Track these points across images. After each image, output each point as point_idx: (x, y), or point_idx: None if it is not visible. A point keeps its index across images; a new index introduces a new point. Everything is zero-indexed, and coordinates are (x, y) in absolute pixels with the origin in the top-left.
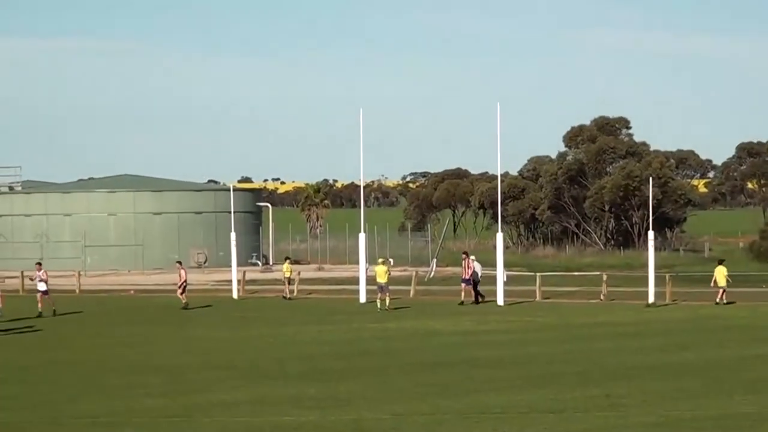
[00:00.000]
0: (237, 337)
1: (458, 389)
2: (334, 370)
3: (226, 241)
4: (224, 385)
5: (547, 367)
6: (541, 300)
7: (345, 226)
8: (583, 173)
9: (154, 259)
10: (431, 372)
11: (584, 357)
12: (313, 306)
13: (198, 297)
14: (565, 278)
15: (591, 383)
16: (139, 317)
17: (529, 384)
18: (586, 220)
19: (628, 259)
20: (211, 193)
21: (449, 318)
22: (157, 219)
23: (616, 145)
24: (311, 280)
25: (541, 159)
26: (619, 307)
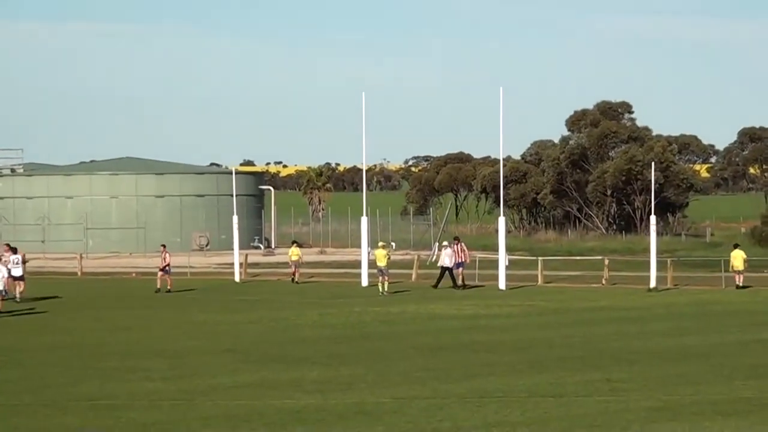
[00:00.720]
0: (239, 321)
1: (459, 373)
2: (336, 354)
3: (228, 224)
4: (226, 368)
5: (549, 352)
6: (543, 284)
7: (347, 209)
8: (585, 157)
9: (156, 242)
10: (432, 356)
11: (585, 341)
12: (315, 289)
13: (200, 280)
14: (567, 262)
15: (592, 368)
16: (139, 300)
17: (530, 368)
18: (588, 204)
19: (630, 244)
20: (213, 176)
21: (451, 302)
22: (159, 202)
23: (618, 130)
24: (313, 264)
25: (543, 143)
26: (621, 291)
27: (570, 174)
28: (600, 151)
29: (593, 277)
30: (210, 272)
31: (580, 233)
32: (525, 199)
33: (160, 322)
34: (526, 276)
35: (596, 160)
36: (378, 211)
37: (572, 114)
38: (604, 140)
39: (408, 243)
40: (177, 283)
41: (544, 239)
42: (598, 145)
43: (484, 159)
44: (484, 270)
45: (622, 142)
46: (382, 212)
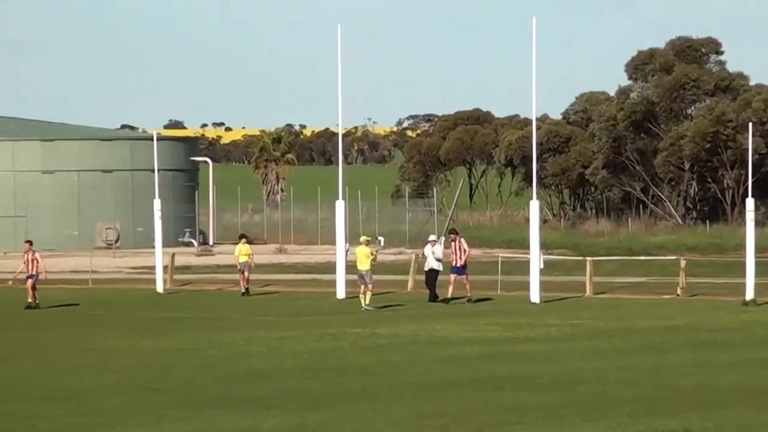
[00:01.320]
0: (163, 347)
1: (475, 421)
2: (302, 394)
3: (147, 211)
4: (146, 415)
5: (602, 390)
6: (593, 295)
7: (316, 190)
8: (653, 116)
9: (44, 237)
10: (437, 397)
11: (654, 375)
12: (272, 303)
13: (107, 291)
14: (627, 265)
15: (663, 412)
16: (24, 318)
17: (576, 413)
18: (657, 182)
19: (717, 238)
20: (125, 143)
21: (462, 320)
22: (47, 180)
23: (700, 77)
24: (269, 267)
25: (594, 96)
26: (704, 305)
27: (631, 140)
28: (674, 108)
29: (664, 286)
30: (122, 279)
31: (645, 223)
32: (568, 175)
33: (51, 351)
34: (569, 284)
35: (669, 120)
36: (360, 192)
37: (635, 55)
38: (681, 92)
39: (402, 237)
40: (71, 293)
41: (595, 232)
42: (672, 99)
43: (510, 119)
44: (509, 276)
45: (707, 95)
46: (365, 194)
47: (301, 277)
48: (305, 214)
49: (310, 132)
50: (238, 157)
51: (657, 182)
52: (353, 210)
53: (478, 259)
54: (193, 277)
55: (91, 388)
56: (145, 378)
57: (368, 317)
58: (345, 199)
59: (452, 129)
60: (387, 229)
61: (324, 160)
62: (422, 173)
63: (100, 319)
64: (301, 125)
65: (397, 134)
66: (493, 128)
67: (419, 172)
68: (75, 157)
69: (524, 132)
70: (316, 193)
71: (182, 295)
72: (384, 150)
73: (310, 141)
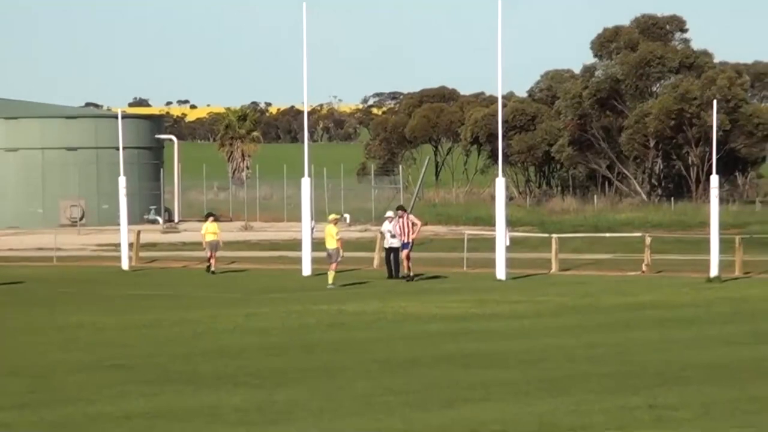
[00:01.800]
0: (128, 324)
1: (441, 397)
2: (268, 371)
3: (112, 189)
4: (110, 391)
5: (568, 367)
6: (559, 272)
7: (281, 168)
8: (618, 94)
9: (8, 214)
10: (404, 373)
11: (619, 352)
12: (238, 281)
13: (72, 268)
14: (593, 242)
15: (628, 389)
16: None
17: (542, 390)
18: (622, 160)
19: (682, 215)
20: (90, 120)
21: (428, 297)
22: (11, 158)
23: (665, 54)
24: (234, 244)
25: (559, 74)
26: (669, 281)
27: (597, 117)
28: (639, 85)
29: (629, 262)
30: (86, 256)
31: (610, 200)
32: (534, 153)
33: (14, 328)
34: (534, 260)
35: (634, 97)
36: (326, 170)
37: (600, 33)
38: (646, 69)
39: (368, 215)
40: (35, 271)
41: (561, 209)
42: (637, 77)
43: (476, 96)
44: (475, 253)
45: (671, 72)
46: (331, 172)
47: (267, 254)
48: (271, 191)
49: (276, 110)
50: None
51: (622, 160)
52: (319, 187)
53: (444, 237)
54: (158, 254)
55: (55, 365)
56: (109, 355)
57: (334, 295)
58: (311, 176)
59: (418, 107)
60: (353, 206)
61: (289, 138)
62: (388, 151)
63: (65, 297)
64: (266, 103)
65: (362, 112)
66: (458, 106)
67: (385, 149)
68: (39, 135)
69: (490, 110)
70: (281, 171)
71: (148, 273)
72: (349, 128)
73: (276, 119)
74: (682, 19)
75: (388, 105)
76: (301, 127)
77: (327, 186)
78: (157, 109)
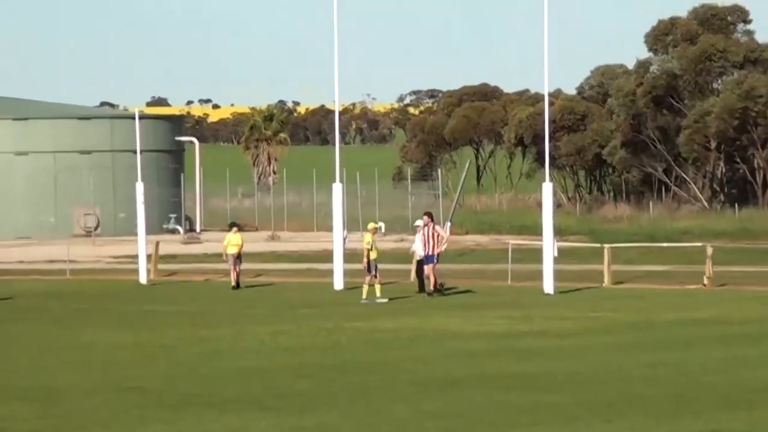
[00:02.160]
0: (146, 343)
1: (484, 422)
2: (297, 394)
3: (129, 195)
4: (126, 416)
5: (621, 388)
6: (612, 285)
7: (311, 173)
8: (676, 91)
9: (16, 225)
10: (443, 396)
11: (678, 372)
12: (264, 295)
13: (86, 282)
14: (649, 252)
15: (689, 413)
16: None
17: (593, 414)
18: (680, 163)
19: (747, 223)
20: (105, 121)
21: (469, 313)
22: (21, 162)
23: (727, 48)
24: (260, 256)
25: (611, 70)
26: (733, 295)
27: (652, 117)
28: (699, 82)
29: (689, 275)
30: (101, 269)
31: (668, 207)
32: (583, 155)
33: (25, 347)
34: (585, 273)
35: (693, 95)
36: (359, 174)
37: (655, 25)
38: (706, 64)
39: (404, 223)
40: (48, 285)
41: (613, 217)
42: (697, 73)
43: (520, 94)
44: (520, 265)
45: (734, 67)
46: (365, 177)
47: (296, 266)
48: (299, 198)
49: (305, 109)
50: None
51: (680, 163)
52: (351, 194)
53: (486, 247)
54: (178, 266)
55: (68, 388)
56: (126, 376)
57: (369, 310)
58: (342, 182)
59: (458, 106)
60: (388, 214)
61: (319, 140)
62: (426, 154)
63: (79, 313)
64: (294, 102)
65: (398, 111)
66: (501, 105)
67: (422, 152)
68: (51, 137)
69: (536, 108)
70: (311, 176)
71: (167, 286)
72: (384, 129)
73: (305, 119)
74: (744, 9)
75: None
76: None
77: (360, 192)
78: (177, 109)
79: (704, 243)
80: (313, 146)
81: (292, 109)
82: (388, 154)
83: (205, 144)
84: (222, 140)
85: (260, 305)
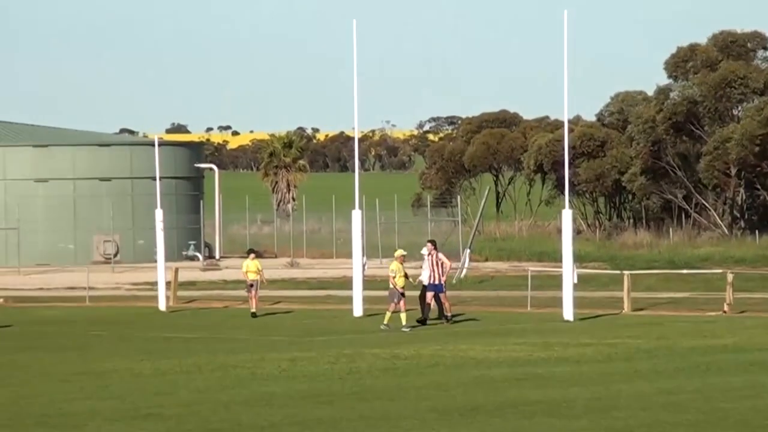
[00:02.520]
0: (165, 370)
1: None
2: (316, 421)
3: (148, 222)
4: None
5: (642, 416)
6: (632, 312)
7: (330, 199)
8: (696, 118)
9: (37, 250)
10: (464, 423)
11: (699, 399)
12: (284, 322)
13: (104, 309)
14: (669, 279)
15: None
16: (13, 339)
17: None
18: (700, 190)
19: (767, 250)
20: (124, 148)
21: (489, 339)
22: (41, 189)
23: (748, 74)
24: (280, 282)
25: (630, 96)
26: (754, 322)
27: (672, 143)
28: (719, 108)
29: (709, 302)
30: (121, 296)
31: (688, 234)
32: (603, 182)
33: (44, 374)
34: (605, 300)
35: (713, 121)
36: (378, 201)
37: (674, 52)
38: (726, 91)
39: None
40: (65, 312)
41: (633, 243)
42: (717, 99)
43: (540, 121)
44: (539, 291)
45: (755, 94)
46: (384, 203)
47: (315, 293)
48: (319, 225)
49: (324, 136)
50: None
51: (700, 189)
52: (371, 221)
53: (505, 273)
54: (198, 293)
55: (87, 415)
56: (145, 403)
57: (389, 337)
58: (362, 208)
59: (477, 132)
60: (407, 241)
61: (339, 167)
62: (445, 180)
63: (98, 340)
64: (313, 129)
65: (417, 138)
66: (521, 131)
67: (442, 179)
68: (70, 164)
69: (555, 135)
70: (330, 203)
71: (186, 314)
72: (403, 155)
73: (324, 146)
74: (765, 35)
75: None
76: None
77: (379, 219)
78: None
79: (724, 270)
80: (333, 173)
81: (311, 135)
82: (407, 180)
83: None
84: (241, 167)
85: (279, 332)
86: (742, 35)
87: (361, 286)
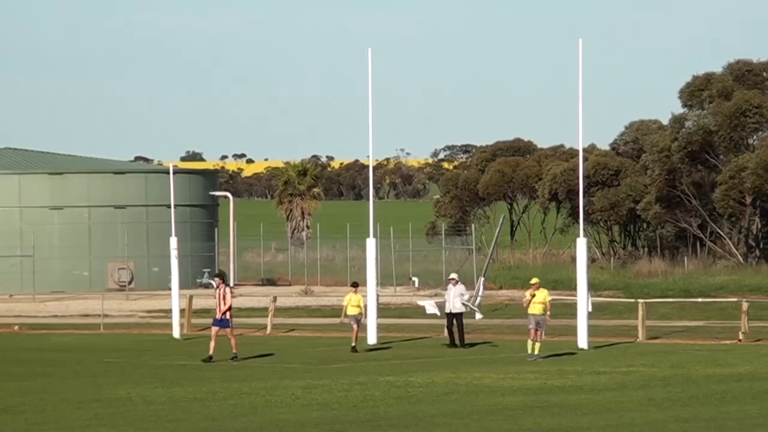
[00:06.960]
0: (179, 397)
1: None
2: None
3: (162, 250)
4: None
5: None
6: (646, 341)
7: (345, 227)
8: (711, 147)
9: (51, 279)
10: None
11: (713, 428)
12: (297, 348)
13: (119, 336)
14: (684, 307)
15: None
16: (28, 366)
17: None
18: (715, 218)
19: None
20: (139, 176)
21: (503, 367)
22: (56, 216)
23: (763, 104)
24: (293, 310)
25: (645, 125)
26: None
27: (687, 172)
28: (734, 137)
29: (724, 330)
30: (135, 323)
31: (702, 263)
32: (618, 210)
33: (58, 401)
34: (619, 328)
35: (728, 150)
36: (392, 229)
37: (689, 81)
38: (741, 120)
39: (438, 278)
40: (78, 340)
41: (647, 272)
42: (732, 128)
43: (554, 150)
44: (554, 320)
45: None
46: (398, 231)
47: (329, 321)
48: (333, 253)
49: (338, 164)
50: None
51: (715, 218)
52: (385, 249)
53: (520, 301)
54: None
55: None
56: (159, 430)
57: (401, 364)
58: (376, 236)
59: (491, 161)
60: (422, 269)
61: (353, 195)
62: (459, 209)
63: (112, 367)
64: (328, 157)
65: (432, 166)
66: (535, 160)
67: (456, 207)
68: (85, 191)
69: (570, 164)
70: (344, 231)
71: (200, 341)
72: (418, 183)
73: (338, 174)
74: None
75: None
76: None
77: (394, 247)
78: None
79: (739, 298)
80: (347, 201)
81: (326, 164)
82: (421, 208)
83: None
84: (256, 195)
85: (293, 360)
86: (758, 64)
87: (376, 314)
